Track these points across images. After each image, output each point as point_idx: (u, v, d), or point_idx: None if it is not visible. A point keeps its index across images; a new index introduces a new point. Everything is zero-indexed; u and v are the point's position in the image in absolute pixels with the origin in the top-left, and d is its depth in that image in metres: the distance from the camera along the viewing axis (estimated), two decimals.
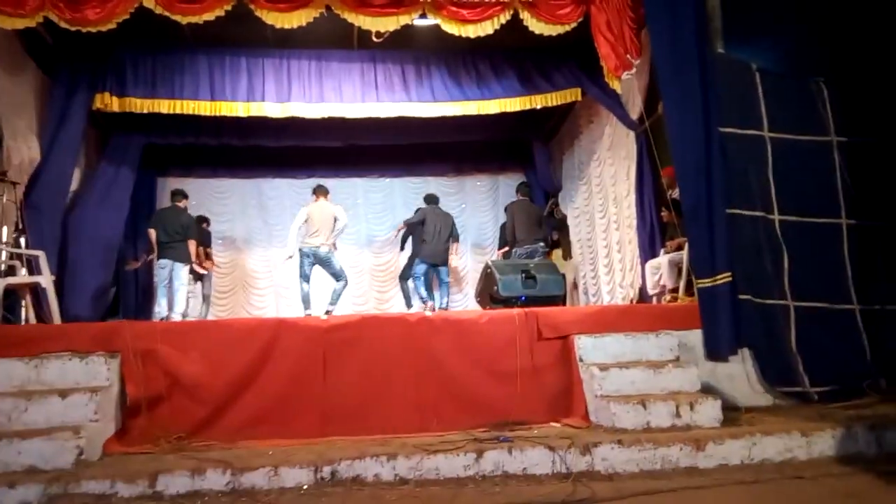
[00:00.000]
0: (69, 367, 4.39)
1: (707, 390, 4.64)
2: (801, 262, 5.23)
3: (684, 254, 6.13)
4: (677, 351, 4.91)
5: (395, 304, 10.31)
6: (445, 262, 8.43)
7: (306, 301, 7.72)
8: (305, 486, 3.65)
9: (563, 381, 4.88)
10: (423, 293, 8.36)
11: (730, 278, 4.98)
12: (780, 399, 4.86)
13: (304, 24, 6.39)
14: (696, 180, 5.17)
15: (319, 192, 8.04)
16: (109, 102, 7.70)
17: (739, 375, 4.93)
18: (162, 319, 7.35)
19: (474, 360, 4.89)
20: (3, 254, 6.18)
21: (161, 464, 3.79)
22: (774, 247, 5.22)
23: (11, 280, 6.00)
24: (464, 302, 10.67)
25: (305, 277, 7.73)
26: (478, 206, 11.31)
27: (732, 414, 4.46)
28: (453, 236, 8.51)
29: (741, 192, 5.22)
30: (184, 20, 6.28)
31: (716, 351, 4.95)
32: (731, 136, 5.30)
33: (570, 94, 8.45)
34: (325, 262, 7.74)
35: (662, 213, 7.00)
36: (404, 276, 9.02)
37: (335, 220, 7.72)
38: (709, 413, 4.34)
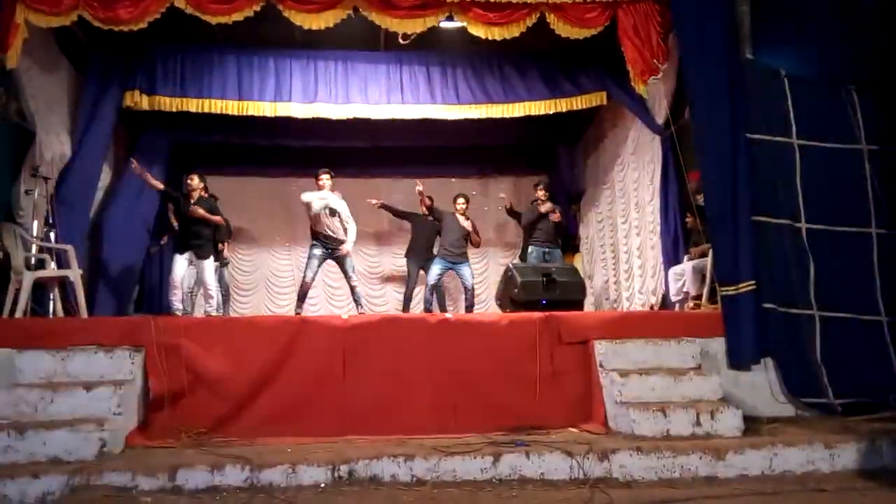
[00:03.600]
0: (95, 360, 4.47)
1: (728, 399, 4.59)
2: (828, 271, 5.15)
3: (708, 261, 6.08)
4: (699, 359, 4.87)
5: (416, 306, 10.30)
6: (465, 260, 8.18)
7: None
8: (323, 485, 3.67)
9: (583, 386, 4.86)
10: (434, 306, 8.15)
11: (754, 286, 4.93)
12: (802, 410, 4.79)
13: (331, 25, 6.42)
14: (722, 187, 5.13)
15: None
16: (139, 100, 7.81)
17: (762, 385, 4.87)
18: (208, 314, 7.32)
19: (493, 362, 4.89)
20: (34, 247, 6.30)
21: (181, 458, 3.84)
22: (801, 255, 5.15)
23: (41, 273, 6.12)
24: (484, 304, 10.64)
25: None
26: (501, 207, 11.26)
27: (754, 424, 4.41)
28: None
29: (768, 199, 5.15)
30: (213, 20, 6.35)
31: (738, 359, 4.90)
32: (759, 142, 5.24)
33: (596, 98, 8.40)
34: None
35: (687, 219, 6.94)
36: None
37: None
38: (730, 422, 4.30)
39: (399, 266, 10.82)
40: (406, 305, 8.68)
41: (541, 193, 8.35)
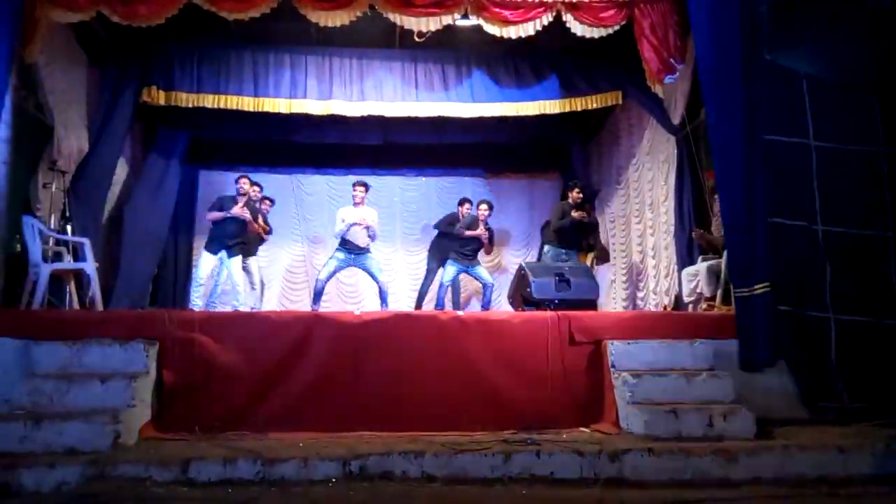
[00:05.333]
0: (110, 352, 4.51)
1: (741, 401, 4.55)
2: (845, 274, 5.10)
3: (722, 261, 6.04)
4: (712, 360, 4.84)
5: (429, 303, 10.32)
6: (477, 263, 8.18)
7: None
8: (334, 480, 3.68)
9: (595, 386, 4.85)
10: (441, 304, 8.15)
11: (768, 288, 4.89)
12: (816, 414, 4.75)
13: (347, 22, 6.44)
14: (738, 188, 5.09)
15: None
16: (156, 96, 7.87)
17: (775, 388, 4.83)
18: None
19: (505, 361, 4.89)
20: (51, 240, 6.37)
21: (194, 451, 3.86)
22: (816, 258, 5.11)
23: (57, 266, 6.19)
24: (496, 303, 10.63)
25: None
26: (513, 206, 11.26)
27: (767, 427, 4.37)
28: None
29: (783, 201, 5.11)
30: (230, 17, 6.39)
31: (751, 362, 4.87)
32: (776, 144, 5.19)
33: (611, 97, 8.37)
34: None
35: (693, 234, 6.87)
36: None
37: None
38: (742, 425, 4.27)
39: (412, 263, 10.85)
40: (420, 302, 8.70)
41: (576, 195, 8.24)
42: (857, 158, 5.39)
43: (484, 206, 8.00)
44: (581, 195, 8.29)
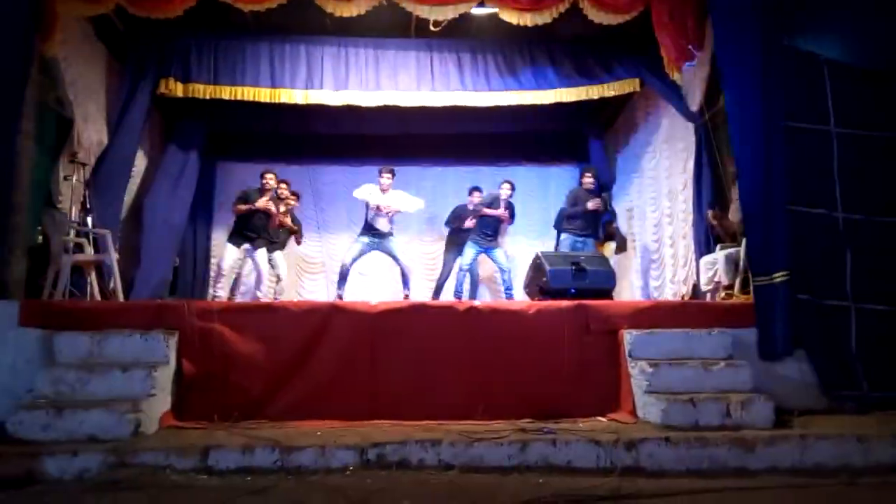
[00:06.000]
0: (130, 342, 4.56)
1: (760, 391, 4.51)
2: (865, 262, 5.04)
3: (741, 250, 5.99)
4: (730, 349, 4.80)
5: (446, 293, 10.32)
6: (497, 245, 8.22)
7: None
8: (351, 468, 3.71)
9: (611, 375, 4.83)
10: (460, 290, 8.19)
11: (788, 276, 4.84)
12: (836, 403, 4.70)
13: (363, 12, 6.44)
14: (756, 175, 5.04)
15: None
16: (174, 87, 7.92)
17: (795, 376, 4.79)
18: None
19: (521, 350, 4.88)
20: (72, 232, 6.45)
21: (213, 439, 3.91)
22: (836, 246, 5.04)
23: (79, 257, 6.27)
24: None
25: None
26: (529, 196, 11.21)
27: (785, 416, 4.34)
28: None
29: (803, 188, 5.05)
30: (246, 8, 6.42)
31: (770, 351, 4.83)
32: (795, 130, 5.13)
33: (629, 85, 8.30)
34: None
35: (709, 213, 6.80)
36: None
37: None
38: (761, 414, 4.24)
39: (427, 253, 10.86)
40: (437, 292, 8.72)
41: (588, 180, 8.25)
42: (879, 145, 5.31)
43: (507, 186, 8.12)
44: (594, 181, 8.26)
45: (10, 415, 3.95)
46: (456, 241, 8.77)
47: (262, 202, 7.23)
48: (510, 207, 8.32)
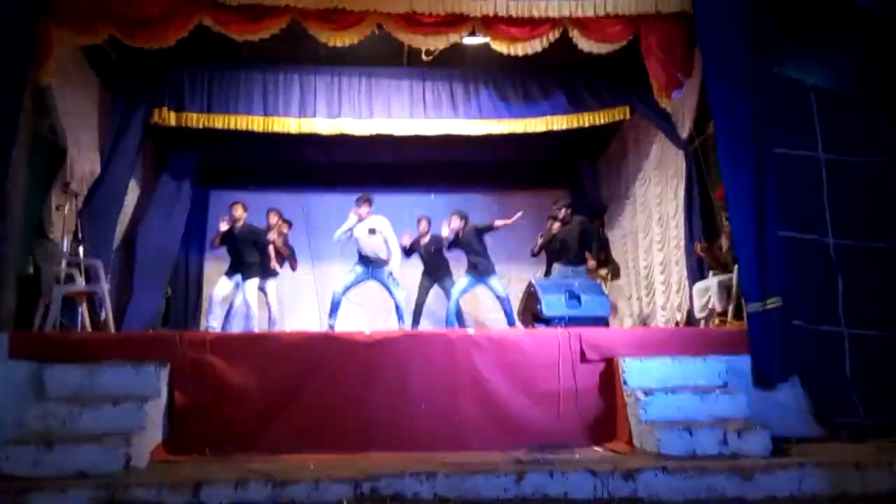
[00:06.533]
0: (122, 374, 4.52)
1: (756, 418, 4.51)
2: (857, 287, 5.07)
3: (734, 276, 6.00)
4: (725, 376, 4.80)
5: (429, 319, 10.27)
6: (492, 272, 8.12)
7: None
8: (345, 501, 3.67)
9: (607, 403, 4.82)
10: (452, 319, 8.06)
11: (780, 303, 4.86)
12: (832, 430, 4.69)
13: (355, 42, 6.48)
14: (747, 202, 5.08)
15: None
16: (167, 117, 7.92)
17: (790, 404, 4.79)
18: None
19: (516, 379, 4.87)
20: (63, 262, 6.41)
21: (205, 473, 3.86)
22: (828, 271, 5.08)
23: (70, 288, 6.21)
24: (496, 320, 10.58)
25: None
26: (521, 223, 11.22)
27: (782, 444, 4.34)
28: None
29: (793, 214, 5.10)
30: (240, 38, 6.44)
31: (765, 377, 4.83)
32: (784, 157, 5.19)
33: (619, 113, 8.36)
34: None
35: (697, 246, 6.82)
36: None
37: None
38: (757, 442, 4.23)
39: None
40: (416, 319, 8.56)
41: (556, 210, 8.25)
42: (867, 170, 5.38)
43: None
44: (561, 209, 8.27)
45: None
46: (433, 264, 8.62)
47: (223, 226, 7.31)
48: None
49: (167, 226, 8.61)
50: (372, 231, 7.45)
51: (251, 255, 7.51)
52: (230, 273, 7.32)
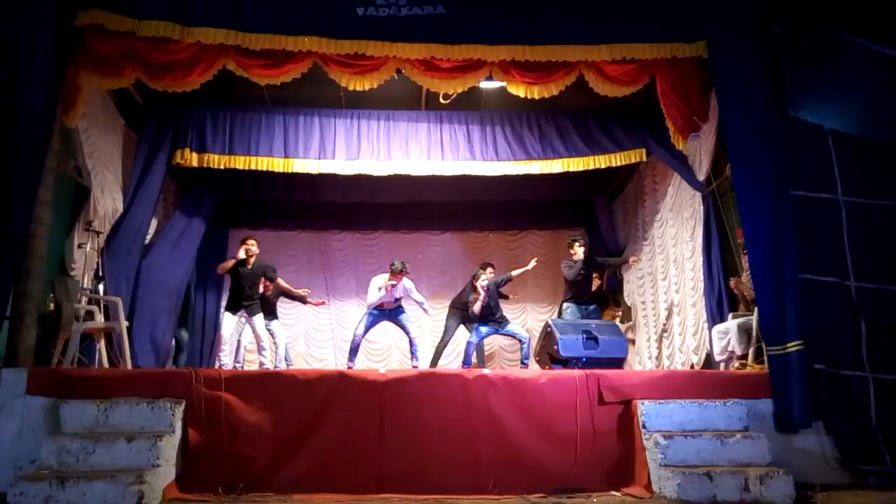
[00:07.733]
0: (137, 411, 4.52)
1: (778, 464, 4.40)
2: (881, 331, 4.99)
3: (754, 319, 5.93)
4: (746, 420, 4.71)
5: (455, 360, 10.21)
6: (507, 320, 8.12)
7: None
8: None
9: (625, 447, 4.73)
10: (469, 360, 8.01)
11: (802, 346, 4.79)
12: (857, 477, 4.57)
13: (375, 86, 6.60)
14: (767, 245, 5.06)
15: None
16: (189, 158, 8.07)
17: (814, 449, 4.68)
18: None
19: (532, 421, 4.80)
20: (83, 299, 6.48)
21: None
22: (851, 315, 5.01)
23: (89, 324, 6.27)
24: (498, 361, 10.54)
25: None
26: (539, 262, 11.20)
27: (805, 490, 4.22)
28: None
29: (814, 257, 5.06)
30: (262, 81, 6.59)
31: (787, 422, 4.73)
32: (803, 199, 5.17)
33: (635, 155, 8.40)
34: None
35: (731, 281, 6.77)
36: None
37: None
38: (780, 489, 4.13)
39: (437, 320, 10.76)
40: (436, 359, 8.52)
41: (577, 250, 8.20)
42: (887, 213, 5.33)
43: (490, 270, 7.97)
44: (583, 251, 8.19)
45: (11, 485, 3.88)
46: (459, 308, 8.61)
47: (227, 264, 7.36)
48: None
49: (177, 262, 8.58)
50: (399, 298, 7.55)
51: (258, 293, 7.51)
52: (233, 309, 7.28)
